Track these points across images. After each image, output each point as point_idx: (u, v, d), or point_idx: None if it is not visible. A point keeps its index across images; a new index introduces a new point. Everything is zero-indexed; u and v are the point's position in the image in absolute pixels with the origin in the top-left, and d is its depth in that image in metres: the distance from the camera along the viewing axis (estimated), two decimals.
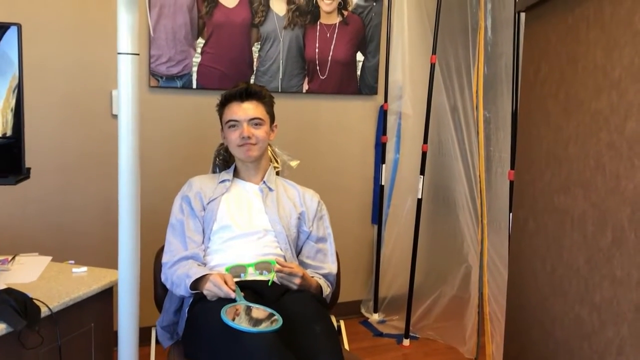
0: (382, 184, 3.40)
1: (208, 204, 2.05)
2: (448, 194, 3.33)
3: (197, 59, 2.94)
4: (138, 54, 1.49)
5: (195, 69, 2.94)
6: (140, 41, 2.81)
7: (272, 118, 2.16)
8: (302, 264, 2.09)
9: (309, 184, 3.29)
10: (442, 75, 3.23)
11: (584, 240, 1.55)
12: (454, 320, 3.19)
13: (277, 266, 1.86)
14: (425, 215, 3.32)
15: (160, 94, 2.92)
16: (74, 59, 2.73)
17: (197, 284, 1.86)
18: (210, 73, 2.97)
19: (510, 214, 2.45)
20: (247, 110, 2.07)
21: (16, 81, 1.37)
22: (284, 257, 2.01)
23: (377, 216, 3.45)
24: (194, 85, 2.95)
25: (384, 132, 3.35)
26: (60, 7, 2.67)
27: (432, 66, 3.07)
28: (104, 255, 2.83)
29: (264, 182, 2.14)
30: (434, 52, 3.06)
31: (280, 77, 3.12)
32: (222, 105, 2.13)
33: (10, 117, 1.38)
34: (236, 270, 1.89)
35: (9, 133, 1.40)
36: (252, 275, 1.90)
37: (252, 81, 3.05)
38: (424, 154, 3.11)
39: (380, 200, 3.42)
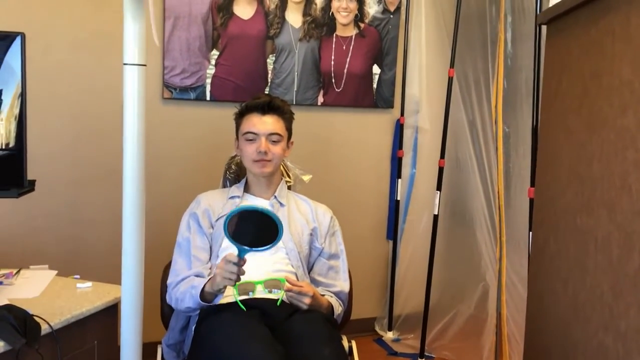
0: (398, 199, 3.33)
1: (217, 220, 1.99)
2: (465, 210, 3.25)
3: (211, 70, 2.91)
4: (145, 65, 1.45)
5: (209, 80, 2.91)
6: (154, 52, 2.80)
7: (289, 134, 2.11)
8: (313, 281, 2.03)
9: (323, 199, 3.23)
10: (460, 89, 3.17)
11: (608, 264, 1.47)
12: (471, 341, 3.10)
13: (287, 284, 1.80)
14: (442, 231, 3.24)
15: (174, 106, 2.88)
16: (88, 70, 2.71)
17: (204, 296, 1.81)
18: (224, 85, 2.94)
19: (530, 232, 2.37)
20: (267, 124, 2.01)
21: (19, 90, 1.33)
22: (295, 275, 1.95)
23: (393, 232, 3.38)
24: (208, 97, 2.91)
25: (400, 147, 3.29)
26: (75, 17, 2.66)
27: (450, 80, 3.00)
28: (114, 268, 2.77)
29: (275, 197, 2.08)
30: (452, 65, 2.99)
31: (295, 89, 3.08)
32: (241, 115, 2.07)
33: (13, 126, 1.34)
34: (245, 287, 1.83)
35: (11, 144, 1.36)
36: (260, 293, 1.83)
37: (266, 93, 3.01)
38: (440, 169, 3.04)
39: (396, 216, 3.35)
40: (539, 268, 1.93)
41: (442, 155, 3.04)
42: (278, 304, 1.77)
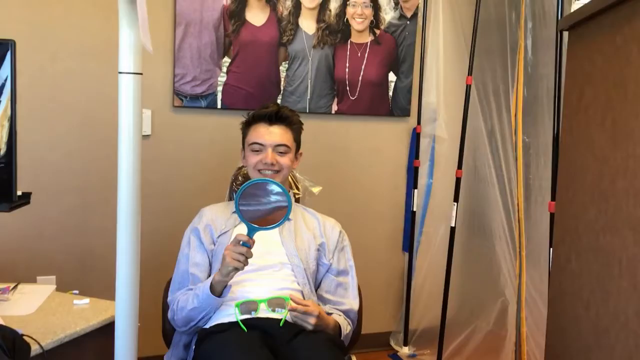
0: (414, 210, 3.23)
1: (219, 237, 1.92)
2: (484, 222, 3.14)
3: (222, 78, 2.84)
4: (141, 74, 1.38)
5: (220, 88, 2.84)
6: (165, 60, 2.75)
7: (298, 146, 2.03)
8: (321, 298, 1.94)
9: (337, 209, 3.16)
10: (479, 98, 3.07)
11: (634, 290, 1.36)
12: (489, 358, 2.99)
13: (292, 304, 1.71)
14: (460, 244, 3.14)
15: (184, 114, 2.83)
16: (96, 78, 2.67)
17: (214, 289, 1.74)
18: (235, 93, 2.87)
19: (551, 249, 2.26)
20: (274, 134, 1.94)
21: (9, 99, 1.27)
22: (302, 292, 1.86)
23: (409, 244, 3.28)
24: (219, 105, 2.85)
25: (417, 156, 3.19)
26: (85, 23, 2.61)
27: (468, 88, 2.90)
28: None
29: None
30: (470, 72, 2.90)
31: (309, 97, 3.00)
32: (248, 125, 2.00)
33: (4, 133, 1.28)
34: (247, 306, 1.74)
35: (2, 152, 1.29)
36: (264, 312, 1.74)
37: (279, 102, 2.94)
38: (458, 180, 2.94)
39: (412, 227, 3.25)
40: (560, 288, 1.82)
41: (460, 166, 2.93)
42: (281, 324, 1.68)
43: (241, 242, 1.65)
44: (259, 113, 1.96)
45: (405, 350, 3.29)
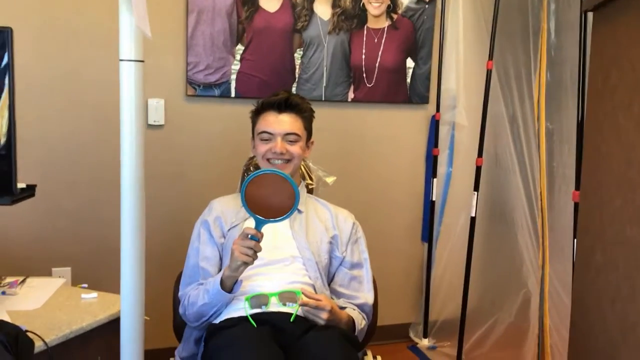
0: (433, 199, 3.15)
1: (229, 230, 1.87)
2: (506, 210, 3.05)
3: (236, 66, 2.79)
4: (143, 61, 1.33)
5: (234, 76, 2.79)
6: (177, 48, 2.70)
7: (309, 134, 1.97)
8: (334, 292, 1.89)
9: (354, 199, 3.10)
10: (500, 83, 2.97)
11: None
12: (511, 351, 2.92)
13: (303, 298, 1.66)
14: (481, 233, 3.06)
15: (197, 103, 2.78)
16: (107, 65, 2.62)
17: (224, 284, 1.70)
18: (249, 81, 2.81)
19: (575, 240, 2.18)
20: (283, 123, 1.88)
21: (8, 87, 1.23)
22: (313, 287, 1.81)
23: (428, 234, 3.20)
24: (233, 94, 2.80)
25: (436, 144, 3.11)
26: (93, 12, 2.57)
27: (489, 73, 2.81)
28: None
29: None
30: (490, 57, 2.80)
31: (324, 85, 2.94)
32: (257, 113, 1.95)
33: (3, 123, 1.24)
34: (258, 300, 1.69)
35: (1, 143, 1.25)
36: (275, 306, 1.69)
37: (294, 89, 2.88)
38: (478, 169, 2.85)
39: (431, 217, 3.17)
40: (584, 281, 1.74)
41: (480, 154, 2.85)
42: (292, 319, 1.63)
43: (249, 236, 1.60)
44: (268, 101, 1.90)
45: (425, 342, 3.23)
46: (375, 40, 2.99)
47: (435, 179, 3.14)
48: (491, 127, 2.96)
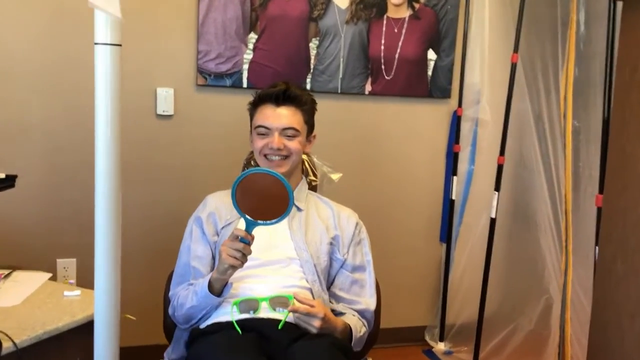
0: (453, 198, 3.02)
1: (223, 228, 1.77)
2: (528, 212, 2.91)
3: (248, 55, 2.69)
4: (120, 45, 1.23)
5: (246, 66, 2.69)
6: (188, 36, 2.61)
7: (310, 128, 1.85)
8: (334, 296, 1.77)
9: (370, 196, 2.99)
10: (526, 77, 2.81)
11: None
12: (530, 359, 2.78)
13: (295, 303, 1.55)
14: (502, 235, 2.92)
15: (208, 93, 2.69)
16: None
17: (212, 287, 1.61)
18: (262, 71, 2.72)
19: (597, 247, 2.03)
20: (281, 117, 1.77)
21: None
22: (311, 291, 1.69)
23: (447, 234, 3.07)
24: (245, 84, 2.70)
25: (457, 141, 2.97)
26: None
27: (513, 66, 2.66)
28: (145, 263, 2.65)
29: None
30: (515, 49, 2.65)
31: (340, 76, 2.82)
32: (255, 106, 1.84)
33: None
34: (247, 305, 1.59)
35: None
36: (265, 311, 1.58)
37: (308, 81, 2.77)
38: (499, 167, 2.71)
39: (450, 216, 3.04)
40: (604, 292, 1.61)
41: (502, 152, 2.70)
42: (280, 326, 1.51)
43: (239, 238, 1.50)
44: (265, 92, 1.80)
45: (440, 347, 3.10)
46: (396, 31, 2.86)
47: (455, 177, 3.00)
48: (515, 124, 2.81)
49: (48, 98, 2.49)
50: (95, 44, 1.21)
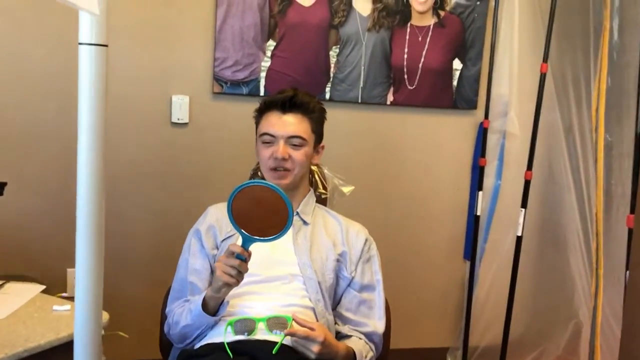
0: (478, 214, 2.88)
1: (223, 241, 1.68)
2: (558, 231, 2.76)
3: (266, 63, 2.62)
4: (106, 45, 1.16)
5: (263, 74, 2.62)
6: (204, 43, 2.56)
7: (318, 138, 1.76)
8: (340, 317, 1.67)
9: (390, 211, 2.88)
10: (556, 88, 2.68)
11: None
12: None
13: (294, 325, 1.44)
14: (529, 254, 2.78)
15: (224, 101, 2.63)
16: (132, 60, 2.51)
17: (207, 306, 1.52)
18: (280, 79, 2.64)
19: (627, 272, 1.89)
20: (287, 124, 1.68)
21: None
22: (314, 310, 1.59)
23: (471, 251, 2.94)
24: (262, 92, 2.63)
25: (483, 154, 2.84)
26: (118, 7, 2.46)
27: (543, 77, 2.52)
28: (156, 271, 2.59)
29: (297, 213, 1.73)
30: (545, 59, 2.52)
31: (361, 85, 2.73)
32: (260, 113, 1.76)
33: None
34: (243, 325, 1.49)
35: None
36: (262, 332, 1.48)
37: (328, 90, 2.68)
38: (527, 183, 2.57)
39: (475, 233, 2.90)
40: (635, 319, 1.48)
41: (530, 167, 2.57)
42: (274, 351, 1.41)
43: (235, 254, 1.41)
44: (272, 99, 1.72)
45: None
46: (420, 39, 2.76)
47: (481, 192, 2.87)
48: (544, 137, 2.68)
49: (62, 103, 2.46)
50: (80, 44, 1.14)
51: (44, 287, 1.70)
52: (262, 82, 2.63)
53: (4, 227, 2.45)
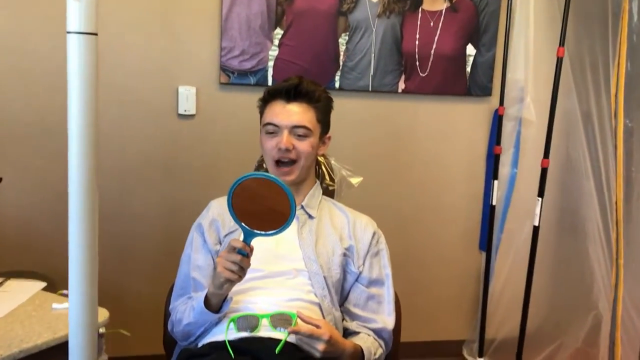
0: (494, 203, 2.81)
1: (226, 236, 1.63)
2: (577, 221, 2.68)
3: (274, 52, 2.56)
4: (96, 34, 1.11)
5: (271, 63, 2.57)
6: (211, 32, 2.51)
7: (324, 128, 1.69)
8: (347, 313, 1.61)
9: (402, 202, 2.82)
10: (573, 73, 2.60)
11: None
12: None
13: (299, 322, 1.39)
14: (547, 244, 2.71)
15: (231, 92, 2.58)
16: (137, 51, 2.47)
17: (209, 303, 1.48)
18: (288, 68, 2.58)
19: None
20: (291, 114, 1.62)
21: None
22: (320, 306, 1.54)
23: (487, 242, 2.87)
24: (270, 82, 2.58)
25: (498, 142, 2.76)
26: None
27: (559, 61, 2.44)
28: (165, 269, 2.55)
29: (302, 206, 1.67)
30: (561, 43, 2.43)
31: (372, 73, 2.66)
32: (265, 102, 1.70)
33: None
34: (246, 322, 1.44)
35: None
36: (266, 329, 1.43)
37: (337, 78, 2.62)
38: (543, 171, 2.50)
39: (491, 223, 2.83)
40: None
41: (547, 154, 2.49)
42: (278, 349, 1.36)
43: (236, 249, 1.36)
44: (276, 87, 1.66)
45: None
46: (432, 24, 2.68)
47: (496, 181, 2.79)
48: (562, 124, 2.60)
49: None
50: (68, 32, 1.08)
51: (44, 284, 1.66)
52: (270, 72, 2.58)
53: (10, 222, 2.44)
